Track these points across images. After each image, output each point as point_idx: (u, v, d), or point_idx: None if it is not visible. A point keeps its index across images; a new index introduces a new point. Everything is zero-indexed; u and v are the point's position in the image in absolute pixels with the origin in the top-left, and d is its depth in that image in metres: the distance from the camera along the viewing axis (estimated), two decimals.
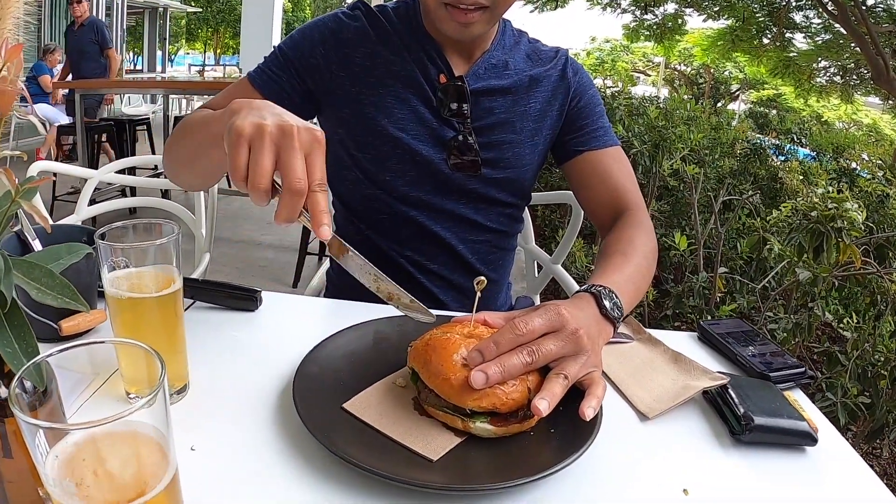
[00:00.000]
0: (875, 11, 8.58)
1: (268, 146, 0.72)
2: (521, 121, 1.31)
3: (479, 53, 1.30)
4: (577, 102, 1.36)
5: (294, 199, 0.71)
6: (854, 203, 2.14)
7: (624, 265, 1.09)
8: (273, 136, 0.72)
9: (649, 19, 10.83)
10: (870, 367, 2.22)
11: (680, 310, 2.78)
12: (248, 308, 1.13)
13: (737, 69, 17.98)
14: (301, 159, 0.72)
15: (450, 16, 1.14)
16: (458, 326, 0.86)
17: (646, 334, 1.13)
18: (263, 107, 0.78)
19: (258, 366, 0.95)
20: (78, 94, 5.48)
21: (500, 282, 1.47)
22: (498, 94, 1.29)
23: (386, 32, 1.28)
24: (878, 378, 2.16)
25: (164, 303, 0.82)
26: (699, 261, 2.86)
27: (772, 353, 1.11)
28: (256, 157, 0.72)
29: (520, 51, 1.35)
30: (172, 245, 0.82)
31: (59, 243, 1.04)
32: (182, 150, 1.09)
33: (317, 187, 0.72)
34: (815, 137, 7.33)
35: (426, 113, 1.26)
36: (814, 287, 2.27)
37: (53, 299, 0.59)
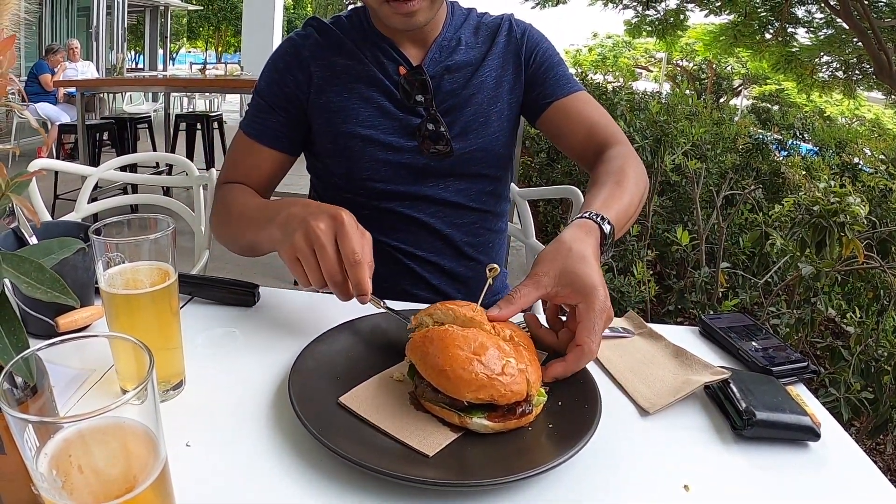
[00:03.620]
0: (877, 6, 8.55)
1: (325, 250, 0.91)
2: (480, 92, 1.34)
3: (431, 38, 1.34)
4: (533, 59, 1.39)
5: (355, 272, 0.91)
6: (856, 197, 2.13)
7: (619, 194, 1.12)
8: (319, 242, 0.90)
9: (651, 15, 10.80)
10: (873, 362, 2.21)
11: (682, 305, 2.77)
12: (246, 303, 1.12)
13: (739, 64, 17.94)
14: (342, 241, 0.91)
15: (393, 10, 1.18)
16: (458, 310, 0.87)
17: (647, 329, 1.12)
18: (290, 219, 0.98)
19: (255, 361, 0.95)
20: (79, 94, 5.48)
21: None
22: (455, 71, 1.33)
23: (340, 41, 1.33)
24: (882, 373, 2.15)
25: (158, 298, 0.81)
26: (701, 256, 2.85)
27: (774, 347, 1.10)
28: (324, 264, 0.92)
29: (469, 26, 1.39)
30: (167, 240, 0.81)
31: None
32: (233, 238, 1.25)
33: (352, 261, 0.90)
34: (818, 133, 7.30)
35: (390, 107, 1.30)
36: (816, 282, 2.26)
37: (43, 294, 0.59)
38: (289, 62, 1.32)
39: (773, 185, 4.05)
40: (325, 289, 0.92)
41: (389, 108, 1.30)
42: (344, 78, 1.30)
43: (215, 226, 1.30)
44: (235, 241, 1.23)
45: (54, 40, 11.22)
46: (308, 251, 0.89)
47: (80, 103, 5.42)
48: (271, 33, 10.88)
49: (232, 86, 6.36)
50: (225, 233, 1.26)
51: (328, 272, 0.89)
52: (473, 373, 0.75)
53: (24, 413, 0.46)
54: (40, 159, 1.93)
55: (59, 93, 8.10)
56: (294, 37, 1.36)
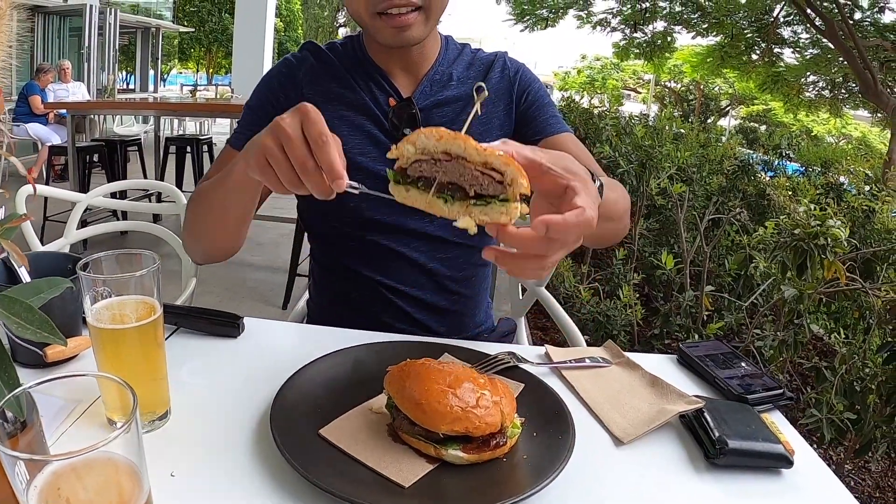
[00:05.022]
0: (862, 26, 8.66)
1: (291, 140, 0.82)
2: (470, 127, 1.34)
3: (423, 71, 1.35)
4: (525, 98, 1.40)
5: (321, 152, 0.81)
6: (837, 220, 2.16)
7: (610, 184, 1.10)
8: (284, 133, 0.82)
9: (639, 37, 10.90)
10: (858, 381, 2.23)
11: (668, 328, 2.80)
12: (231, 334, 1.14)
13: (726, 85, 18.09)
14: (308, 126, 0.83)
15: (385, 24, 1.18)
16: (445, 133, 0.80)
17: (624, 358, 1.14)
18: (254, 139, 0.91)
19: (239, 392, 0.97)
20: (69, 115, 5.50)
21: (476, 298, 1.48)
22: (445, 105, 1.33)
23: (334, 67, 1.34)
24: (867, 392, 2.17)
25: (144, 332, 0.83)
26: (686, 280, 2.88)
27: (751, 374, 1.12)
28: (292, 154, 0.82)
29: (462, 61, 1.40)
30: (152, 276, 0.84)
31: (45, 270, 1.06)
32: (204, 211, 1.18)
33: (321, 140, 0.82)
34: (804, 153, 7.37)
35: (380, 136, 1.31)
36: (799, 304, 2.28)
37: (33, 334, 0.61)
38: (283, 81, 1.33)
39: (759, 207, 4.09)
40: (302, 189, 0.84)
41: (379, 137, 1.30)
42: (336, 104, 1.30)
43: (187, 224, 1.25)
44: (205, 223, 1.19)
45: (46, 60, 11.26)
46: (276, 148, 0.83)
47: (71, 125, 5.44)
48: (262, 56, 10.93)
49: (222, 110, 6.37)
50: (194, 218, 1.22)
51: (298, 161, 0.81)
52: (448, 406, 0.77)
53: (15, 448, 0.48)
54: (29, 185, 1.94)
55: (50, 113, 8.11)
56: (290, 58, 1.37)
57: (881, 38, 8.59)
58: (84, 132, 8.05)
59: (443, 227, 1.36)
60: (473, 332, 1.46)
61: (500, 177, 0.73)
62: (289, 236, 5.07)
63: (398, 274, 1.36)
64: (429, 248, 1.36)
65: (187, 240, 1.28)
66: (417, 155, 0.77)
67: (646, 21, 10.44)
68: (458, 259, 1.40)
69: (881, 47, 8.62)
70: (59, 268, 1.09)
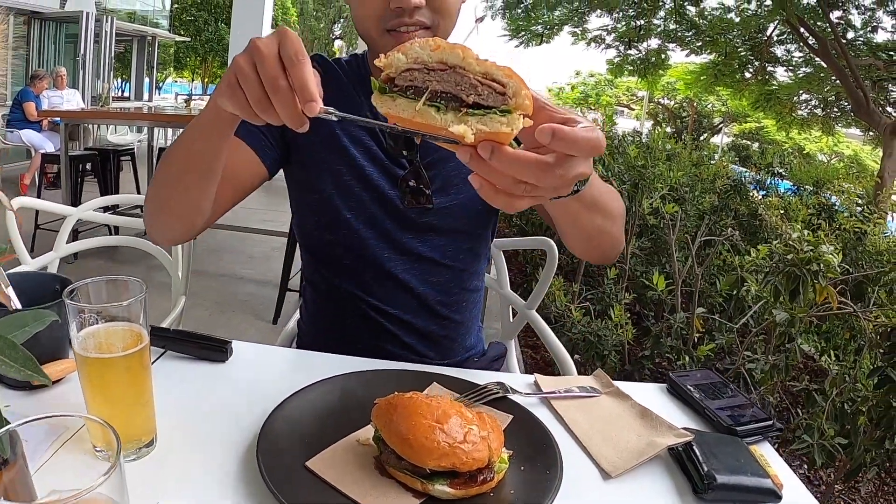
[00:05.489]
0: (855, 45, 8.74)
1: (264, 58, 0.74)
2: None
3: None
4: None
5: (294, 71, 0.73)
6: (829, 245, 2.17)
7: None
8: (258, 51, 0.74)
9: (633, 55, 10.98)
10: (849, 403, 2.23)
11: (658, 349, 2.80)
12: (219, 359, 1.13)
13: (719, 102, 18.19)
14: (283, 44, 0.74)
15: (394, 40, 1.18)
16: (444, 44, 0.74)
17: (614, 388, 1.14)
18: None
19: (226, 419, 0.96)
20: (63, 124, 5.48)
21: (467, 323, 1.47)
22: None
23: (339, 81, 1.34)
24: (857, 415, 2.17)
25: (130, 361, 0.83)
26: (677, 301, 2.88)
27: (741, 405, 1.12)
28: (262, 71, 0.74)
29: None
30: (139, 303, 0.83)
31: (32, 291, 1.05)
32: (167, 167, 1.07)
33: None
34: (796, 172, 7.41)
35: (378, 152, 1.31)
36: (791, 328, 2.29)
37: (17, 372, 0.60)
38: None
39: (751, 227, 4.10)
40: (272, 114, 0.76)
41: (377, 153, 1.30)
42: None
43: (149, 191, 1.14)
44: (167, 180, 1.09)
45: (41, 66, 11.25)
46: (248, 66, 0.75)
47: (64, 133, 5.43)
48: None
49: None
50: (157, 179, 1.10)
51: (268, 79, 0.73)
52: (435, 441, 0.76)
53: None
54: (20, 197, 1.93)
55: (44, 120, 8.10)
56: None
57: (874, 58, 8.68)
58: (78, 140, 8.03)
59: (435, 249, 1.36)
60: (463, 357, 1.45)
61: (502, 88, 0.67)
62: (280, 249, 5.06)
63: (388, 296, 1.36)
64: (420, 271, 1.36)
65: (149, 209, 1.15)
66: (408, 64, 0.71)
67: (640, 38, 10.52)
68: (448, 283, 1.40)
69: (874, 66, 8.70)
70: (46, 289, 1.08)
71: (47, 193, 6.29)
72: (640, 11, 10.00)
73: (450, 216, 1.34)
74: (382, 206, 1.31)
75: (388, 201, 1.31)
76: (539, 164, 0.66)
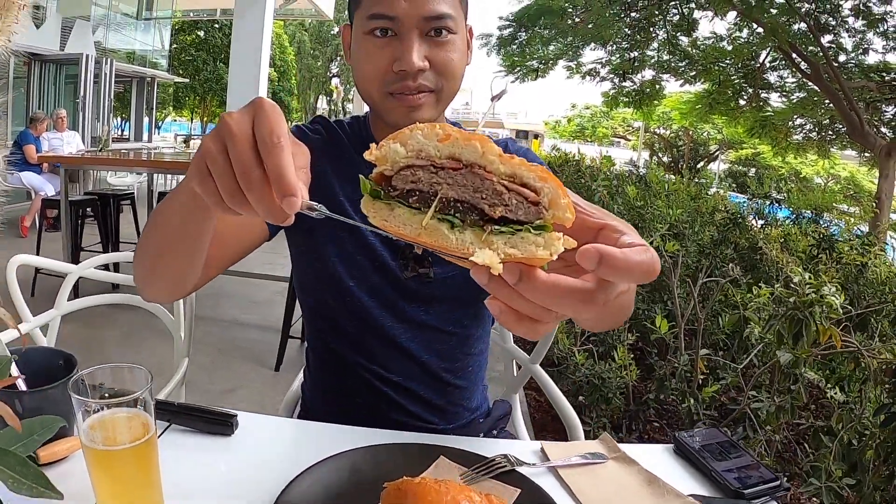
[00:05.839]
0: (847, 67, 8.83)
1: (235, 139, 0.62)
2: None
3: None
4: None
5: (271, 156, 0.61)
6: (832, 286, 2.17)
7: None
8: (229, 131, 0.63)
9: (628, 86, 11.09)
10: (856, 437, 2.21)
11: (664, 393, 2.79)
12: (224, 433, 1.12)
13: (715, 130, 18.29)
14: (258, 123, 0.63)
15: (397, 103, 1.17)
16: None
17: (620, 453, 1.13)
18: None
19: (233, 497, 0.95)
20: (63, 169, 5.52)
21: (471, 388, 1.44)
22: None
23: (342, 144, 1.33)
24: (865, 449, 2.15)
25: (138, 451, 0.83)
26: (681, 344, 2.88)
27: (748, 466, 1.12)
28: (234, 155, 0.62)
29: None
30: (144, 396, 0.83)
31: (35, 367, 1.05)
32: (153, 238, 0.97)
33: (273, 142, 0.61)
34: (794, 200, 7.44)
35: None
36: (795, 369, 2.29)
37: (28, 489, 0.60)
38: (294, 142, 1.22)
39: (751, 260, 4.11)
40: (246, 206, 0.63)
41: None
42: (341, 178, 1.29)
43: (137, 248, 1.04)
44: (153, 244, 0.98)
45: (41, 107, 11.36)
46: (218, 150, 0.63)
47: (64, 178, 5.46)
48: None
49: None
50: (144, 239, 1.00)
51: (239, 166, 0.61)
52: None
53: None
54: (20, 256, 1.93)
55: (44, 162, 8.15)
56: (303, 127, 1.36)
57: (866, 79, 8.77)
58: (78, 182, 8.08)
59: (439, 317, 1.33)
60: (468, 419, 1.44)
61: (535, 196, 0.53)
62: (281, 293, 5.07)
63: (392, 364, 1.33)
64: (424, 339, 1.33)
65: (136, 273, 1.06)
66: (409, 159, 0.56)
67: (634, 70, 10.64)
68: (453, 350, 1.37)
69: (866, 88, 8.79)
70: (50, 365, 1.09)
71: (48, 235, 6.31)
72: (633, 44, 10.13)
73: (453, 285, 1.31)
74: (385, 276, 1.29)
75: (390, 271, 1.29)
76: (580, 295, 0.52)
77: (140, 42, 15.93)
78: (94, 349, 4.13)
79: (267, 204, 0.61)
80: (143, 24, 15.80)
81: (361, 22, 1.18)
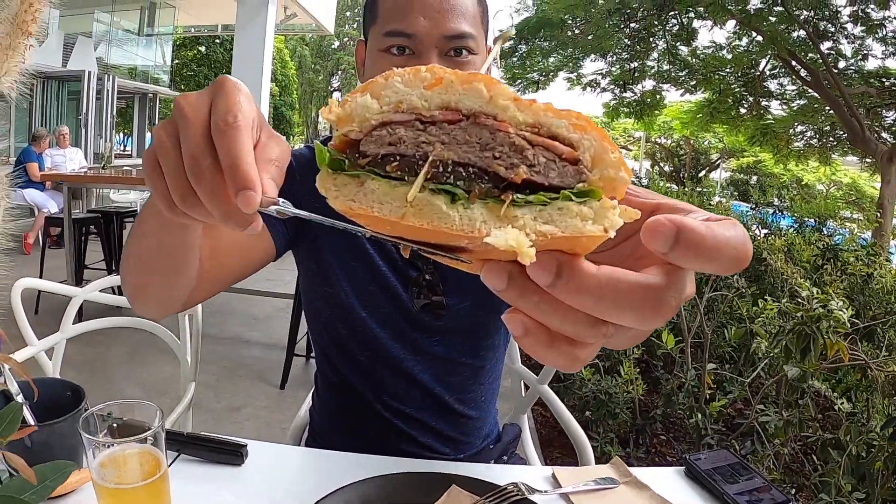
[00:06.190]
0: (847, 74, 8.83)
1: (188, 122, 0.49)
2: None
3: None
4: None
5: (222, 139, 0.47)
6: (839, 300, 2.17)
7: None
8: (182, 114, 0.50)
9: (628, 97, 11.09)
10: (864, 448, 2.20)
11: (671, 408, 2.78)
12: (234, 462, 1.12)
13: (716, 139, 18.27)
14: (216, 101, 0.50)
15: None
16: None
17: (632, 477, 1.13)
18: None
19: None
20: (65, 187, 5.53)
21: (483, 417, 1.42)
22: None
23: None
24: (874, 461, 2.14)
25: (149, 489, 0.82)
26: (687, 359, 2.87)
27: (759, 488, 1.12)
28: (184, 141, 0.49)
29: None
30: (154, 435, 0.83)
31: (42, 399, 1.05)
32: (136, 250, 0.86)
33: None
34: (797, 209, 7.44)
35: (393, 251, 1.24)
36: (802, 383, 2.28)
37: None
38: (296, 168, 1.13)
39: (756, 272, 4.11)
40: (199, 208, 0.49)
41: (391, 248, 1.23)
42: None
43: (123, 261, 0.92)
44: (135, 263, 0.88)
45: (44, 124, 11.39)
46: (170, 139, 0.50)
47: (67, 195, 5.47)
48: None
49: None
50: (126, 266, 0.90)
51: (188, 154, 0.48)
52: None
53: None
54: (24, 279, 1.93)
55: None
56: (305, 150, 1.27)
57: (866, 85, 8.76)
58: (81, 199, 8.08)
59: (453, 349, 1.29)
60: (479, 448, 1.42)
61: (571, 151, 0.38)
62: (285, 310, 5.06)
63: (403, 396, 1.30)
64: (437, 370, 1.30)
65: (124, 290, 0.95)
66: (384, 115, 0.39)
67: (635, 81, 10.65)
68: (467, 381, 1.34)
69: (867, 94, 8.79)
70: (57, 396, 1.08)
71: (51, 252, 6.32)
72: (633, 54, 10.15)
73: (466, 317, 1.27)
74: (397, 307, 1.25)
75: (403, 302, 1.24)
76: (650, 294, 0.36)
77: (142, 57, 15.97)
78: (98, 368, 4.13)
79: (219, 201, 0.47)
80: (145, 40, 15.85)
81: (377, 39, 1.13)
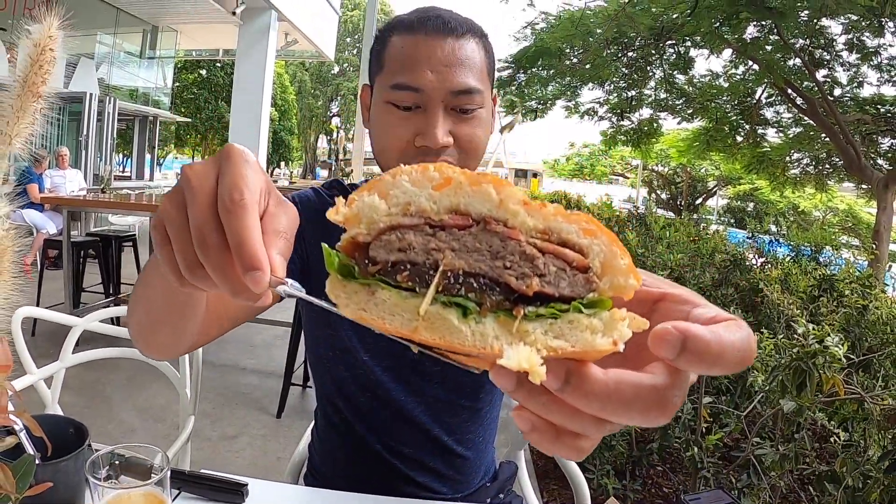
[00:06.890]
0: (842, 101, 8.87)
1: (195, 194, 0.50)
2: None
3: None
4: None
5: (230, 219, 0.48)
6: (835, 336, 2.18)
7: None
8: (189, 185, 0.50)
9: (626, 125, 11.12)
10: (860, 479, 2.19)
11: (667, 442, 2.78)
12: (235, 501, 1.12)
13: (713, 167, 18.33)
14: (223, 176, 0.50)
15: None
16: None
17: None
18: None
19: None
20: (65, 211, 5.55)
21: (481, 458, 1.41)
22: None
23: None
24: (870, 492, 2.14)
25: None
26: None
27: None
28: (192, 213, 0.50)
29: None
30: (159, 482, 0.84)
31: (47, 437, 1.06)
32: (143, 303, 0.86)
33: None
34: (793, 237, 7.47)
35: None
36: (799, 417, 2.28)
37: None
38: (307, 209, 1.15)
39: (752, 302, 4.13)
40: (207, 281, 0.50)
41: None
42: None
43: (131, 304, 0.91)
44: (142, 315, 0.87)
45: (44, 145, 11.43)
46: (176, 209, 0.50)
47: (66, 218, 5.49)
48: (257, 144, 11.13)
49: None
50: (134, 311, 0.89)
51: (196, 229, 0.49)
52: None
53: None
54: (24, 308, 1.94)
55: None
56: (319, 190, 1.28)
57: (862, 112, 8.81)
58: (79, 221, 8.09)
59: (453, 391, 1.29)
60: (476, 486, 1.41)
61: (581, 259, 0.38)
62: (284, 338, 5.04)
63: (403, 437, 1.29)
64: (436, 412, 1.29)
65: (130, 332, 0.94)
66: (393, 217, 0.40)
67: (632, 109, 10.70)
68: (465, 422, 1.33)
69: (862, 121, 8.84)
70: (60, 434, 1.09)
71: (49, 273, 6.32)
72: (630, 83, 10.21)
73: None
74: (400, 350, 1.16)
75: (406, 347, 1.23)
76: (653, 396, 0.37)
77: (143, 80, 16.08)
78: (96, 393, 4.11)
79: (228, 278, 0.48)
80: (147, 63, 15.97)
81: (384, 89, 1.12)
